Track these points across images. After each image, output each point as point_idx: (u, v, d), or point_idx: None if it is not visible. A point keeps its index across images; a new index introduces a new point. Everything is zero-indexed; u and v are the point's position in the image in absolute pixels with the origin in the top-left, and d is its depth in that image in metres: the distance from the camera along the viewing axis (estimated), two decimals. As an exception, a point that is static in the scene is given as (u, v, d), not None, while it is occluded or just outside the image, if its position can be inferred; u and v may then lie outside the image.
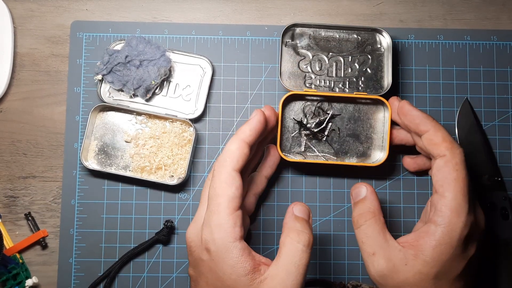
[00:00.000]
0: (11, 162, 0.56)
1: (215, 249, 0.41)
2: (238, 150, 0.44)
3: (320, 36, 0.55)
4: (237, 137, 0.45)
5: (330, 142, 0.54)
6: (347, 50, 0.55)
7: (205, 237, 0.42)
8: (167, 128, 0.55)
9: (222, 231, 0.41)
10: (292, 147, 0.54)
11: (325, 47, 0.55)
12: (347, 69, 0.55)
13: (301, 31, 0.55)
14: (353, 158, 0.54)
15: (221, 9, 0.58)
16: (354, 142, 0.54)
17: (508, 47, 0.58)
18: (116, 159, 0.55)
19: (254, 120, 0.46)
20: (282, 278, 0.40)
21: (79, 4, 0.58)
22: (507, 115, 0.57)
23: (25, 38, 0.58)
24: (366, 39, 0.55)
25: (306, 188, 0.55)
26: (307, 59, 0.55)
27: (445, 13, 0.58)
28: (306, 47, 0.55)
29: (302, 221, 0.44)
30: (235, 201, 0.42)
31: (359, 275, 0.55)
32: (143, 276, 0.55)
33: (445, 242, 0.42)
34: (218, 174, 0.43)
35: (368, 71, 0.55)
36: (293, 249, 0.41)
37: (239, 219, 0.42)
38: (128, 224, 0.55)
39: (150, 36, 0.57)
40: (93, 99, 0.56)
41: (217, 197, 0.42)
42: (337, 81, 0.54)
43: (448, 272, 0.43)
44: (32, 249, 0.55)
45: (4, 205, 0.56)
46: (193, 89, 0.56)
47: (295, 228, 0.43)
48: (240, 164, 0.44)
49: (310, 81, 0.54)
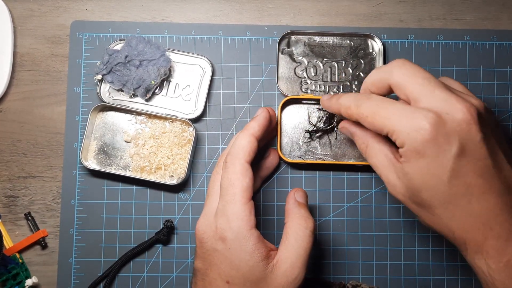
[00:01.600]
0: (11, 162, 0.56)
1: (233, 237, 0.43)
2: (249, 144, 0.46)
3: (314, 42, 0.57)
4: (247, 132, 0.47)
5: (329, 145, 0.55)
6: (341, 55, 0.57)
7: (221, 226, 0.44)
8: (167, 128, 0.55)
9: (239, 219, 0.43)
10: (292, 151, 0.55)
11: (319, 53, 0.57)
12: (341, 74, 0.57)
13: (296, 38, 0.57)
14: (351, 160, 0.55)
15: (221, 9, 0.58)
16: (352, 145, 0.55)
17: (508, 47, 0.58)
18: (116, 159, 0.55)
19: (261, 116, 0.49)
20: (292, 261, 0.44)
21: (79, 4, 0.58)
22: (507, 115, 0.57)
23: (25, 38, 0.58)
24: (358, 44, 0.57)
25: (305, 188, 0.55)
26: (303, 65, 0.57)
27: (445, 13, 0.58)
28: (301, 54, 0.57)
29: (305, 207, 0.47)
30: (249, 191, 0.44)
31: (359, 275, 0.55)
32: (143, 276, 0.55)
33: (408, 156, 0.41)
34: (232, 166, 0.45)
35: (361, 75, 0.56)
36: (301, 234, 0.45)
37: (253, 208, 0.44)
38: (128, 224, 0.55)
39: (150, 36, 0.57)
40: (93, 99, 0.56)
41: (232, 188, 0.44)
42: (332, 85, 0.56)
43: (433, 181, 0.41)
44: (32, 249, 0.55)
45: (4, 205, 0.56)
46: (193, 89, 0.56)
47: (301, 215, 0.46)
48: (251, 156, 0.46)
49: (306, 86, 0.56)
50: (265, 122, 0.49)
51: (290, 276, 0.43)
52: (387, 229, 0.55)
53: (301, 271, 0.44)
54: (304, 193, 0.49)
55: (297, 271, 0.43)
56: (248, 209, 0.44)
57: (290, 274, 0.43)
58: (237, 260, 0.43)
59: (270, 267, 0.43)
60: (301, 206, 0.47)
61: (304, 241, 0.44)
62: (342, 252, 0.55)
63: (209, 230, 0.45)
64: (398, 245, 0.55)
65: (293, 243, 0.44)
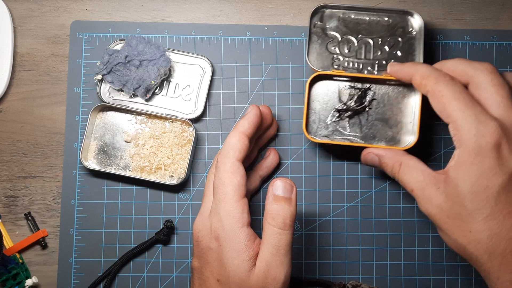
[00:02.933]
0: (11, 162, 0.56)
1: (224, 235, 0.43)
2: (239, 142, 0.46)
3: (349, 18, 0.54)
4: (236, 131, 0.47)
5: (359, 125, 0.53)
6: (377, 32, 0.54)
7: (214, 224, 0.44)
8: (167, 128, 0.55)
9: (230, 217, 0.43)
10: (318, 129, 0.53)
11: (354, 29, 0.54)
12: (377, 52, 0.54)
13: (330, 12, 0.54)
14: (381, 143, 0.53)
15: (221, 9, 0.58)
16: (383, 127, 0.53)
17: (508, 47, 0.58)
18: (116, 159, 0.55)
19: (251, 114, 0.48)
20: (267, 260, 0.42)
21: (79, 4, 0.58)
22: (507, 115, 0.57)
23: (25, 38, 0.58)
24: (397, 22, 0.54)
25: (305, 188, 0.55)
26: (336, 41, 0.54)
27: (445, 13, 0.58)
28: (335, 29, 0.54)
29: (280, 202, 0.44)
30: (241, 189, 0.44)
31: (359, 275, 0.55)
32: (143, 276, 0.55)
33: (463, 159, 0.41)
34: (222, 165, 0.45)
35: (399, 54, 0.54)
36: (269, 232, 0.43)
37: (246, 206, 0.44)
38: (128, 224, 0.55)
39: (150, 36, 0.57)
40: (93, 99, 0.56)
41: (223, 186, 0.44)
42: (366, 63, 0.54)
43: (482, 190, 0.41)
44: (32, 249, 0.55)
45: (4, 205, 0.56)
46: (193, 89, 0.56)
47: (271, 212, 0.43)
48: (242, 154, 0.45)
49: (338, 62, 0.54)
50: (256, 119, 0.48)
51: (268, 277, 0.42)
52: (387, 229, 0.55)
53: (280, 270, 0.42)
54: (285, 183, 0.44)
55: (275, 270, 0.42)
56: (241, 207, 0.43)
57: (268, 275, 0.42)
58: (225, 258, 0.43)
59: (252, 267, 0.42)
60: (276, 201, 0.44)
61: (274, 239, 0.42)
62: (342, 252, 0.55)
63: (204, 229, 0.45)
64: (398, 245, 0.55)
65: (265, 242, 0.43)
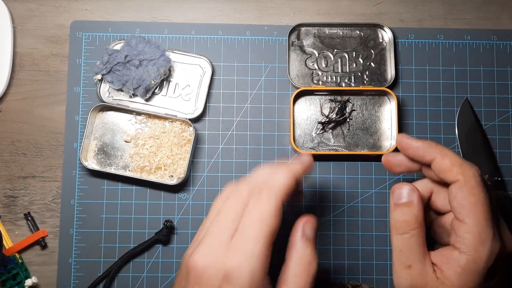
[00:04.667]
0: (10, 162, 0.56)
1: (246, 280, 0.37)
2: (289, 182, 0.41)
3: (324, 34, 0.57)
4: (289, 170, 0.42)
5: (342, 136, 0.56)
6: (351, 46, 0.57)
7: (231, 264, 0.38)
8: (166, 128, 0.55)
9: (259, 261, 0.38)
10: (305, 142, 0.56)
11: (330, 45, 0.57)
12: (352, 64, 0.57)
13: (306, 30, 0.57)
14: (364, 150, 0.56)
15: (221, 9, 0.58)
16: (364, 135, 0.56)
17: (508, 47, 0.58)
18: (115, 159, 0.55)
19: (305, 159, 0.44)
20: None
21: (79, 4, 0.58)
22: (507, 115, 0.57)
23: (25, 38, 0.58)
24: (368, 35, 0.57)
25: (305, 188, 0.55)
26: (314, 57, 0.57)
27: (445, 12, 0.58)
28: (311, 46, 0.57)
29: (312, 245, 0.41)
30: (275, 234, 0.39)
31: (359, 275, 0.54)
32: (142, 276, 0.55)
33: (471, 270, 0.40)
34: (267, 200, 0.39)
35: (372, 65, 0.57)
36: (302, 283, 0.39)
37: (270, 253, 0.39)
38: (128, 224, 0.55)
39: (149, 36, 0.57)
40: (93, 99, 0.56)
41: (260, 224, 0.38)
42: (343, 76, 0.57)
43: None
44: (31, 249, 0.55)
45: (4, 205, 0.56)
46: (193, 89, 0.56)
47: (305, 256, 0.40)
48: (286, 198, 0.41)
49: (318, 77, 0.57)
50: (309, 167, 0.44)
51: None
52: (387, 229, 0.55)
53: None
54: (315, 223, 0.42)
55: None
56: (269, 254, 0.38)
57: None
58: None
59: None
60: (308, 244, 0.40)
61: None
62: (342, 252, 0.55)
63: (214, 266, 0.38)
64: (398, 245, 0.55)
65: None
